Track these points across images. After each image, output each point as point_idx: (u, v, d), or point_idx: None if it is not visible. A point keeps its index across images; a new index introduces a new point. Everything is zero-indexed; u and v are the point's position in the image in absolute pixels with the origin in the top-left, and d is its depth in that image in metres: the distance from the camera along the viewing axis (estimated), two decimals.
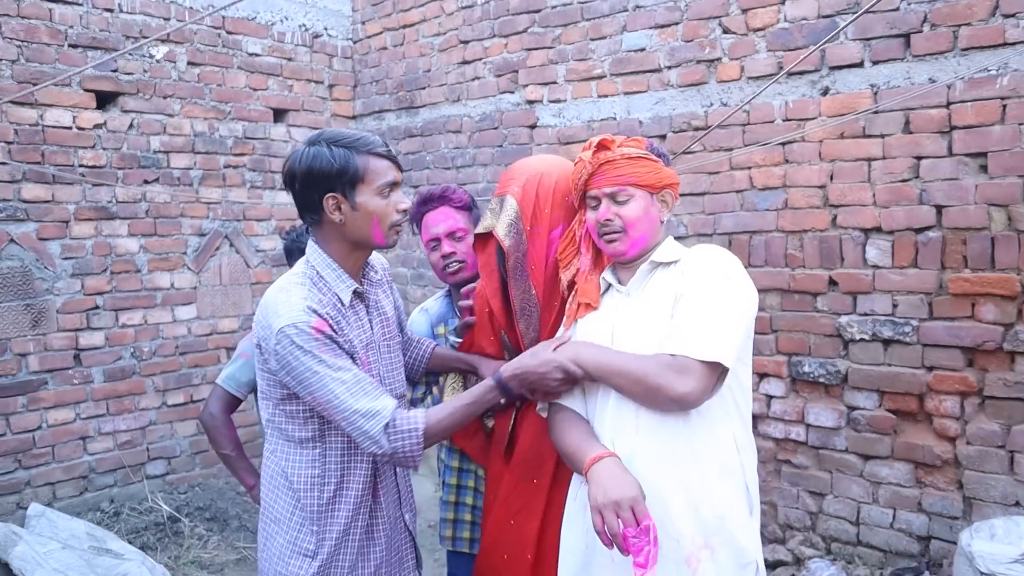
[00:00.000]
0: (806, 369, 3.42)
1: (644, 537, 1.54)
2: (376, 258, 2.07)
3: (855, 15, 2.98)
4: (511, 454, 2.03)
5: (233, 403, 2.78)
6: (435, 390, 2.34)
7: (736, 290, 1.70)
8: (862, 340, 3.27)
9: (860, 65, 3.21)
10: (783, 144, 3.42)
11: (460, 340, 2.22)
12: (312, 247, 1.89)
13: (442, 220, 2.39)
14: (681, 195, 3.72)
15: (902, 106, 3.09)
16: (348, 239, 1.84)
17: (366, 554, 1.92)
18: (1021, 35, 2.83)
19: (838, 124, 3.24)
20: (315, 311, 1.76)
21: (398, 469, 1.99)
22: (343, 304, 1.84)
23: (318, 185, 1.79)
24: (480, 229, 2.03)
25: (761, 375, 3.56)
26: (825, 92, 3.32)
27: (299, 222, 2.69)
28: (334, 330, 1.78)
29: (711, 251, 1.79)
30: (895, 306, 3.18)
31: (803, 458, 3.50)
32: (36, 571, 3.62)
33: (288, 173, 1.84)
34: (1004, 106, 2.89)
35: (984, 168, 2.95)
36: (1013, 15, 2.84)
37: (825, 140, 3.32)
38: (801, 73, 3.37)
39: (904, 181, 3.13)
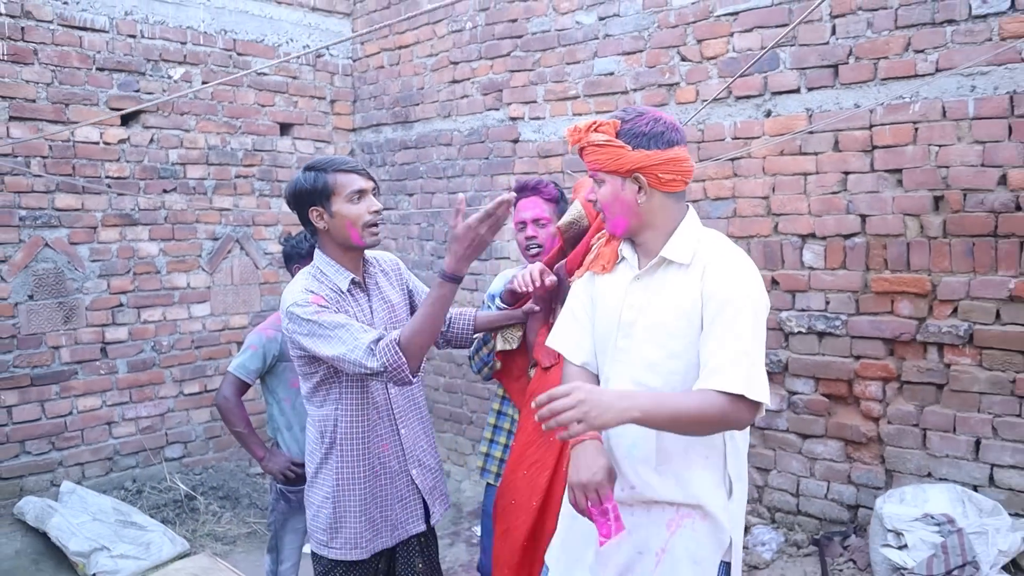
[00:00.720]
0: None
1: (605, 517, 1.78)
2: (385, 256, 2.53)
3: (791, 46, 3.42)
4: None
5: (243, 388, 3.18)
6: (491, 341, 2.71)
7: (763, 316, 1.80)
8: (800, 333, 3.72)
9: (797, 91, 3.65)
10: (732, 160, 3.86)
11: (504, 305, 2.60)
12: (316, 251, 2.36)
13: (531, 208, 2.75)
14: None
15: (832, 128, 3.53)
16: (335, 242, 2.28)
17: (373, 500, 2.34)
18: (930, 68, 3.27)
19: (779, 143, 3.69)
20: (311, 291, 2.21)
21: (402, 431, 2.37)
22: (341, 291, 2.27)
23: (302, 203, 2.27)
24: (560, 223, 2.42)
25: None
26: (768, 114, 3.77)
27: (298, 229, 3.15)
28: (326, 305, 2.20)
29: (738, 263, 1.82)
30: (827, 303, 3.62)
31: (752, 438, 3.93)
32: (71, 539, 4.07)
33: (285, 198, 2.35)
34: (916, 129, 3.34)
35: (900, 182, 3.39)
36: (922, 51, 3.29)
37: (768, 157, 3.76)
38: (748, 97, 3.82)
39: (834, 193, 3.57)
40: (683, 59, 4.02)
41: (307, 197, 2.25)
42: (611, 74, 4.31)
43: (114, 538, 4.15)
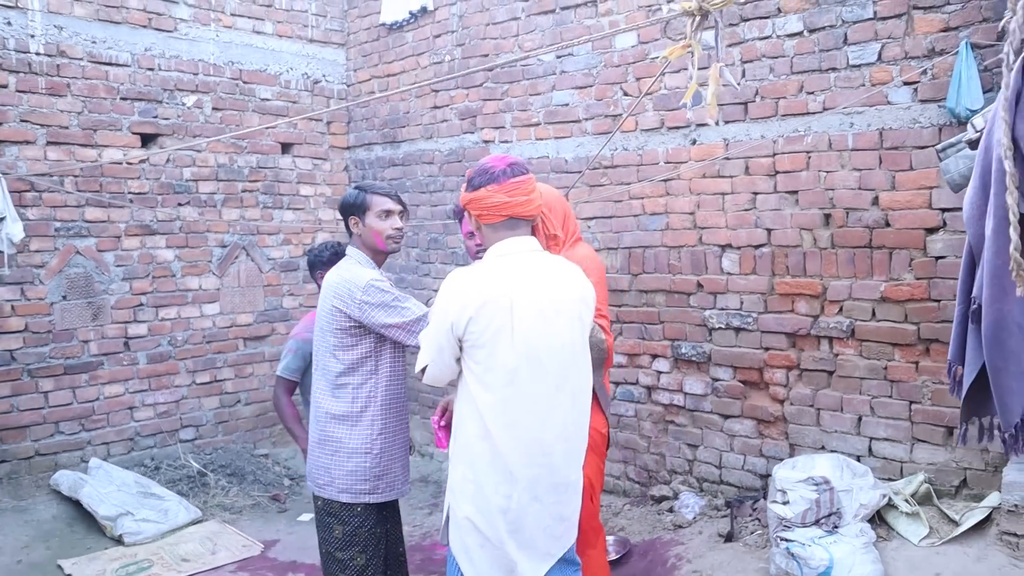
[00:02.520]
0: (683, 351, 4.51)
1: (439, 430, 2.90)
2: None
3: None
4: None
5: (291, 386, 3.76)
6: None
7: (436, 318, 2.40)
8: (720, 328, 4.36)
9: (716, 124, 4.30)
10: (665, 180, 4.51)
11: None
12: (351, 249, 2.96)
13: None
14: (594, 218, 4.83)
15: (743, 155, 4.18)
16: (366, 245, 2.92)
17: (403, 451, 2.99)
18: (818, 107, 3.92)
19: (702, 167, 4.34)
20: (383, 274, 2.91)
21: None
22: None
23: (346, 212, 2.96)
24: None
25: (653, 356, 4.66)
26: (694, 142, 4.42)
27: (313, 242, 3.77)
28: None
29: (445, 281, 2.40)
30: (742, 303, 4.27)
31: (683, 419, 4.59)
32: (100, 505, 4.73)
33: (338, 207, 3.05)
34: (809, 157, 3.98)
35: (797, 202, 4.04)
36: (812, 92, 3.94)
37: (693, 179, 4.41)
38: (677, 127, 4.47)
39: (746, 210, 4.22)
40: (625, 94, 4.68)
41: (349, 208, 2.93)
42: (567, 105, 4.97)
43: (137, 505, 4.81)
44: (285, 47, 6.15)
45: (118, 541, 4.62)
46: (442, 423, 2.90)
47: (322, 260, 3.76)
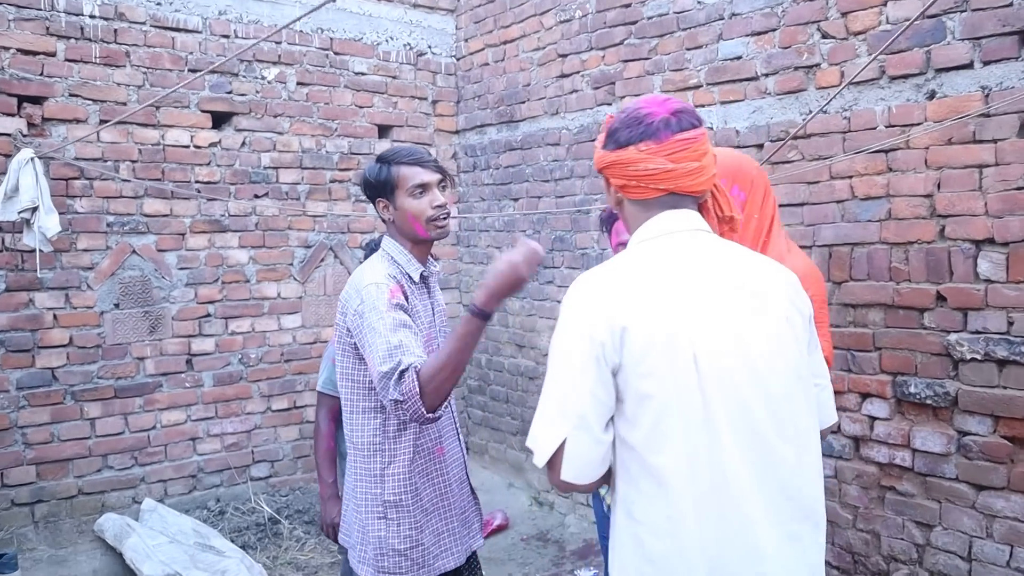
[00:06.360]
0: (912, 390, 3.21)
1: None
2: (437, 264, 2.42)
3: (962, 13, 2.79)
4: None
5: (333, 403, 2.83)
6: None
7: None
8: (974, 360, 3.04)
9: (969, 66, 3.00)
10: (886, 152, 3.24)
11: None
12: (386, 239, 2.30)
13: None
14: (779, 206, 3.61)
15: (1016, 108, 2.87)
16: (402, 233, 2.24)
17: (430, 511, 2.20)
18: None
19: (945, 129, 3.04)
20: (394, 278, 2.14)
21: (459, 427, 2.35)
22: (413, 281, 2.22)
23: (371, 194, 2.28)
24: None
25: (863, 395, 3.37)
26: (931, 96, 3.13)
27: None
28: (405, 296, 2.13)
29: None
30: (1011, 324, 2.94)
31: (909, 485, 3.27)
32: (145, 562, 3.85)
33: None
34: None
35: None
36: None
37: (931, 147, 3.12)
38: (905, 77, 3.19)
39: (1019, 189, 2.89)
40: (824, 36, 3.43)
41: (374, 189, 2.25)
42: (738, 58, 3.77)
43: (188, 564, 3.90)
44: (384, 12, 5.22)
45: None
46: None
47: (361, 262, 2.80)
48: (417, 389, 1.91)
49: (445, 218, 2.21)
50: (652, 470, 1.46)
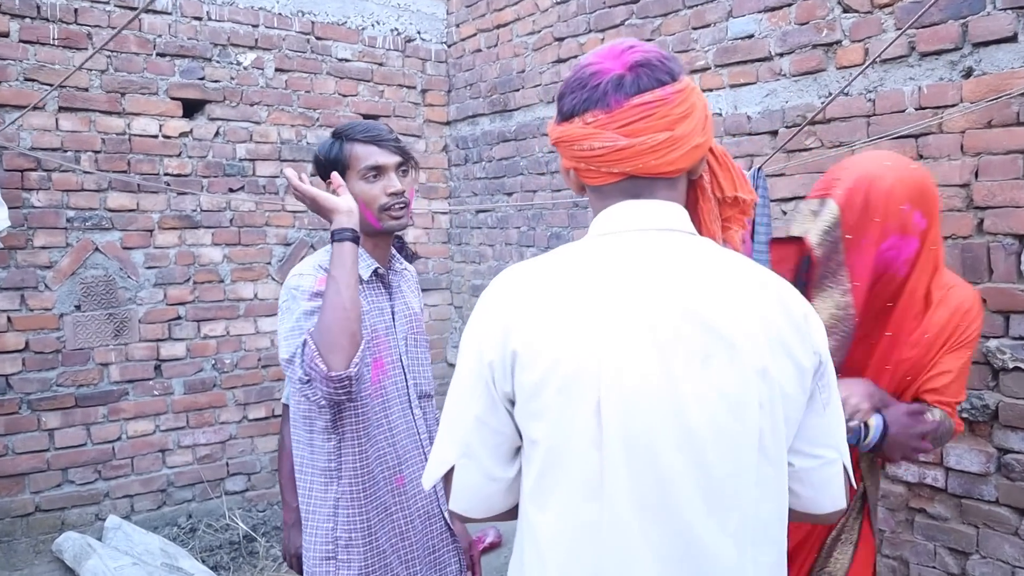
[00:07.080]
0: None
1: None
2: (406, 265, 2.12)
3: None
4: None
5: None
6: None
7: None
8: (1016, 369, 2.71)
9: (1012, 39, 2.67)
10: (916, 137, 2.91)
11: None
12: None
13: None
14: (794, 197, 3.30)
15: None
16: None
17: (388, 553, 1.88)
18: None
19: (984, 110, 2.71)
20: (324, 268, 1.82)
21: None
22: (362, 280, 1.88)
23: (322, 174, 1.94)
24: (795, 232, 1.79)
25: None
26: (967, 74, 2.80)
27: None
28: None
29: None
30: None
31: (942, 508, 2.95)
32: None
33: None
34: None
35: None
36: None
37: (968, 130, 2.79)
38: (938, 53, 2.86)
39: None
40: (846, 10, 3.11)
41: (324, 168, 1.95)
42: (750, 37, 3.44)
43: None
44: None
45: None
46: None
47: None
48: (315, 350, 1.66)
49: (402, 207, 1.90)
50: (533, 528, 1.15)
